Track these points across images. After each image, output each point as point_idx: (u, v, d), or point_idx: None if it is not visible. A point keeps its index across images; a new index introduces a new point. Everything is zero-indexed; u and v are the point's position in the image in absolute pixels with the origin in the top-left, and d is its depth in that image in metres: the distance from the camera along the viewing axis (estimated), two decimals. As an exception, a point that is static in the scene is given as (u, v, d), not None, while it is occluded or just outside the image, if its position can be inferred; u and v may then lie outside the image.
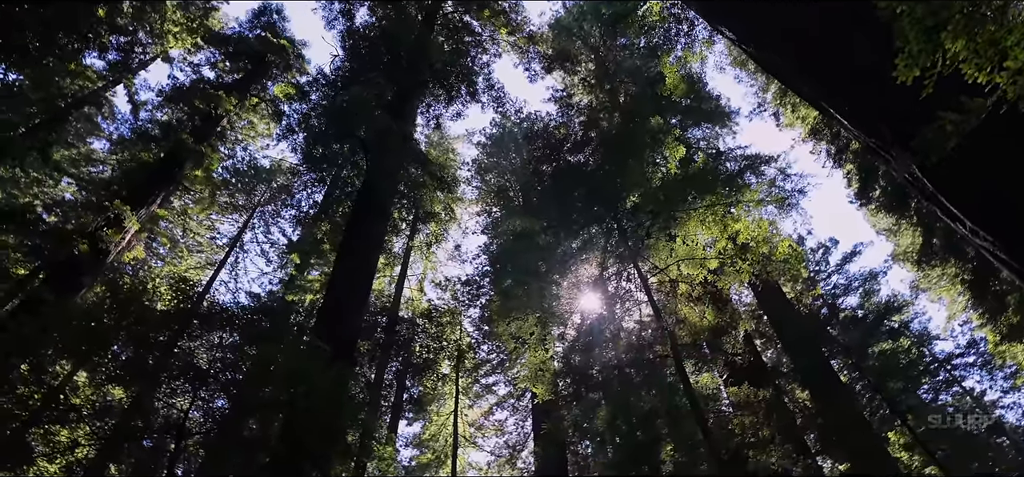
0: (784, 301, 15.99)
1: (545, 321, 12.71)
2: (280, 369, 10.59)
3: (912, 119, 4.95)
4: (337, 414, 10.63)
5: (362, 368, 12.26)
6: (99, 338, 10.39)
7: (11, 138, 12.67)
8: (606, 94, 21.82)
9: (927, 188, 5.34)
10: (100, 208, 12.75)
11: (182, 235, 17.35)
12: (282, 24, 20.06)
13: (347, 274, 12.37)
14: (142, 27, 17.49)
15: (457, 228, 19.28)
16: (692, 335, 13.74)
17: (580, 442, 14.22)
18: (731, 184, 16.59)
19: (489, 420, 17.27)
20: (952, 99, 3.41)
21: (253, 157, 19.21)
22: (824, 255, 17.54)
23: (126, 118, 16.02)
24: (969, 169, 4.84)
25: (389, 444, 11.43)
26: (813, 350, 14.35)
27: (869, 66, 5.76)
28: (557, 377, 12.23)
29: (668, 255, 15.57)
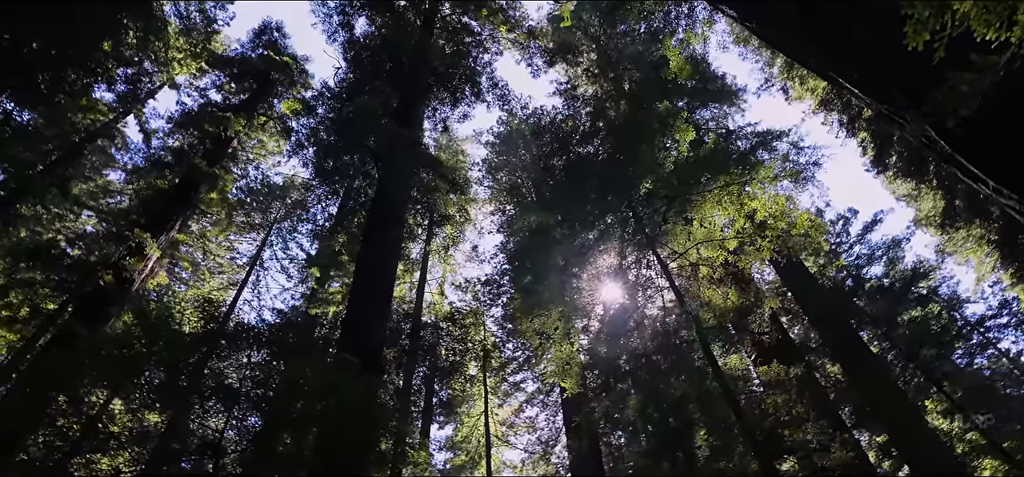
0: (807, 276, 15.77)
1: (568, 315, 12.65)
2: (310, 384, 10.64)
3: (924, 82, 4.83)
4: (369, 424, 10.65)
5: (390, 375, 12.29)
6: (131, 365, 10.51)
7: (31, 176, 12.86)
8: (610, 83, 21.69)
9: (945, 150, 5.20)
10: (121, 238, 12.91)
11: (203, 258, 17.56)
12: (283, 42, 20.18)
13: (367, 284, 12.40)
14: (147, 56, 17.68)
15: (473, 229, 19.31)
16: (717, 317, 13.59)
17: (612, 433, 14.14)
18: (744, 162, 16.41)
19: (520, 418, 17.26)
20: (962, 59, 3.31)
21: (266, 175, 19.43)
22: (844, 226, 17.29)
23: (139, 147, 16.24)
24: (986, 128, 4.68)
25: (423, 449, 11.46)
26: (841, 323, 14.14)
27: (876, 32, 5.62)
28: (584, 370, 12.16)
29: (686, 239, 15.43)
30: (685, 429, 11.70)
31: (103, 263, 12.26)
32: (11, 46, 15.04)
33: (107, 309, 11.91)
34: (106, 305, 11.93)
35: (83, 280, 11.99)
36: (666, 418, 11.74)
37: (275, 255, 19.03)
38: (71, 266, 12.17)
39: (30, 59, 15.12)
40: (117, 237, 13.04)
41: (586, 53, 22.84)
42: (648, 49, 23.23)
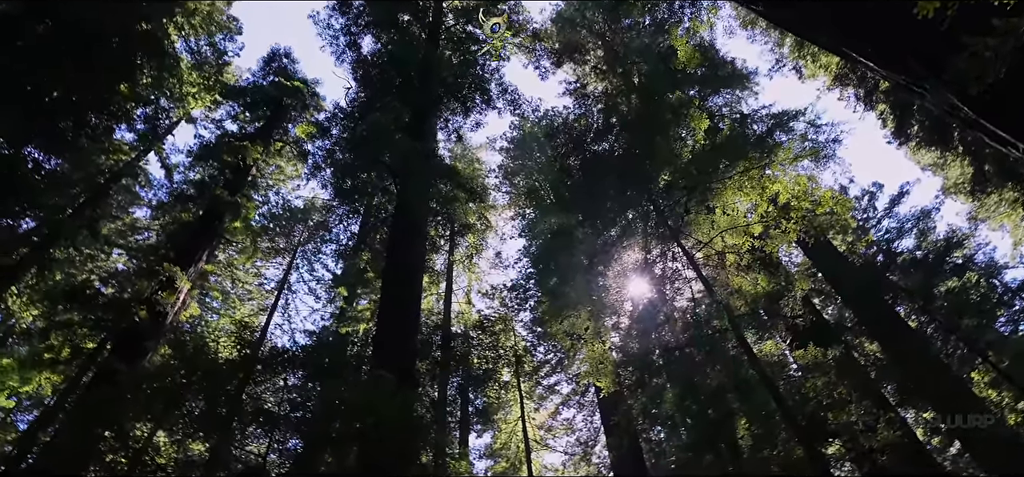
0: (837, 255, 15.47)
1: (597, 314, 12.56)
2: (347, 403, 10.70)
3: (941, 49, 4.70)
4: (408, 437, 10.66)
5: (424, 388, 12.31)
6: (172, 397, 10.67)
7: (62, 221, 13.16)
8: (619, 78, 21.58)
9: (969, 116, 5.06)
10: (152, 273, 13.17)
11: (232, 286, 17.84)
12: (293, 67, 20.44)
13: (395, 298, 12.44)
14: (163, 94, 18.05)
15: (494, 236, 19.32)
16: (748, 304, 13.40)
17: (651, 429, 13.98)
18: (761, 146, 16.21)
19: (557, 420, 17.17)
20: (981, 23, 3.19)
21: (286, 200, 19.67)
22: (870, 201, 16.95)
23: (162, 183, 16.57)
24: (1010, 90, 4.52)
25: (463, 458, 11.45)
26: (875, 300, 13.84)
27: (887, 2, 5.48)
28: (618, 368, 12.06)
29: (710, 228, 15.25)
30: (725, 420, 11.53)
31: (136, 299, 12.51)
32: (33, 95, 15.46)
33: (144, 344, 12.13)
34: (143, 340, 12.15)
35: (119, 317, 12.24)
36: (705, 410, 11.58)
37: (302, 278, 19.33)
38: (106, 304, 12.44)
39: (52, 107, 15.54)
40: (148, 273, 13.31)
41: (592, 50, 22.80)
42: (654, 41, 23.08)
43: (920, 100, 5.99)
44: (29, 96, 15.36)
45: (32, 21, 16.16)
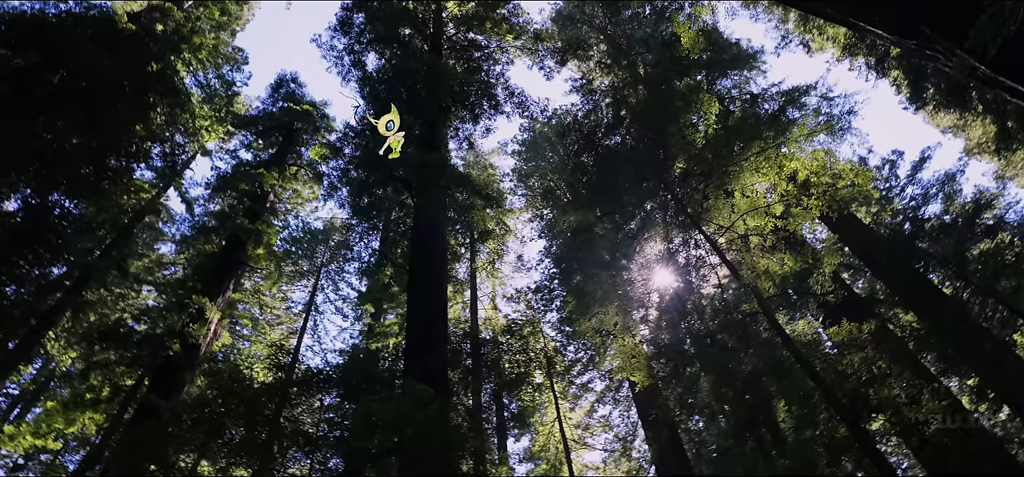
0: (863, 227, 15.20)
1: (624, 308, 12.48)
2: (383, 418, 10.74)
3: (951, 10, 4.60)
4: (446, 447, 10.67)
5: (458, 397, 12.34)
6: (213, 426, 10.80)
7: (91, 263, 13.42)
8: (625, 70, 21.49)
9: (986, 74, 4.94)
10: (182, 306, 13.39)
11: (260, 312, 18.09)
12: (300, 91, 20.69)
13: (421, 311, 12.49)
14: (176, 130, 18.38)
15: (514, 239, 19.31)
16: (776, 286, 13.20)
17: (689, 419, 13.84)
18: (775, 124, 16.03)
19: (593, 418, 17.08)
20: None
21: (306, 222, 19.93)
22: (892, 170, 16.62)
23: (184, 217, 16.86)
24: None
25: (503, 464, 11.44)
26: (907, 269, 13.57)
27: None
28: (651, 360, 11.97)
29: (730, 212, 15.11)
30: (763, 404, 11.37)
31: (169, 333, 12.73)
32: (54, 144, 15.82)
33: (181, 376, 12.32)
34: (179, 373, 12.35)
35: (154, 353, 12.46)
36: (742, 396, 11.43)
37: (328, 298, 19.52)
38: (141, 341, 12.67)
39: (72, 153, 15.89)
40: (178, 306, 13.54)
41: (595, 45, 22.74)
42: (657, 30, 22.98)
43: (934, 62, 5.87)
44: (49, 144, 15.72)
45: (46, 72, 16.53)
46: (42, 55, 16.19)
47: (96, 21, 18.41)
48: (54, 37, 16.76)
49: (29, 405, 16.29)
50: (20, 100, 15.21)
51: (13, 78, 15.54)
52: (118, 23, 19.14)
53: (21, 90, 15.39)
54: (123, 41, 18.27)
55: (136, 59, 18.03)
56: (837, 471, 9.59)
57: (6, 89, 15.13)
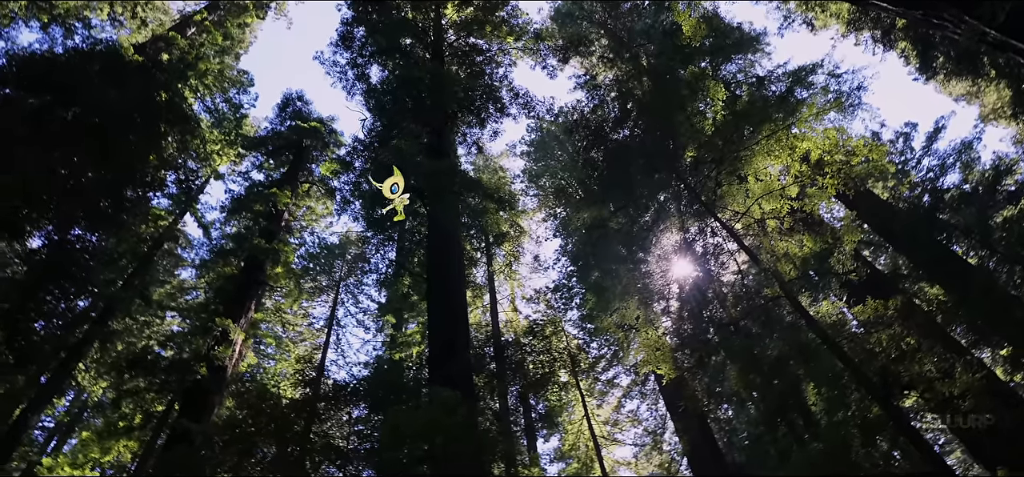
0: (881, 203, 15.00)
1: (645, 301, 12.43)
2: (411, 427, 10.77)
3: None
4: (476, 452, 10.68)
5: (485, 401, 12.36)
6: (244, 446, 10.90)
7: (116, 293, 13.61)
8: (628, 63, 21.44)
9: (997, 39, 4.88)
10: (206, 330, 13.56)
11: (283, 330, 18.27)
12: (307, 108, 20.87)
13: (442, 317, 12.52)
14: (189, 156, 18.61)
15: (529, 240, 19.31)
16: (797, 268, 13.08)
17: (718, 408, 13.74)
18: (783, 106, 15.91)
19: (621, 413, 17.02)
20: None
21: (321, 238, 20.11)
22: (906, 143, 16.40)
23: (201, 242, 17.08)
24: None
25: (534, 465, 11.44)
26: (929, 242, 13.38)
27: None
28: (675, 351, 11.91)
29: (745, 197, 14.99)
30: (792, 388, 11.27)
31: (195, 357, 12.90)
32: (71, 180, 16.07)
33: (210, 399, 12.48)
34: (208, 395, 12.51)
35: (182, 377, 12.63)
36: (770, 381, 11.33)
37: (348, 311, 19.66)
38: (168, 367, 12.85)
39: (90, 187, 16.13)
40: (202, 330, 13.72)
41: (596, 40, 22.71)
42: (657, 20, 22.89)
43: (941, 32, 5.80)
44: (66, 180, 15.97)
45: (59, 109, 16.80)
46: (54, 94, 16.46)
47: (103, 56, 18.69)
48: (64, 76, 17.02)
49: (65, 437, 16.63)
50: (36, 139, 15.49)
51: (28, 118, 15.82)
52: (125, 56, 19.41)
53: (36, 129, 15.67)
54: (131, 73, 18.52)
55: (145, 90, 18.27)
56: (872, 451, 9.47)
57: (22, 129, 15.41)
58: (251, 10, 23.86)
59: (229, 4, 23.79)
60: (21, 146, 15.11)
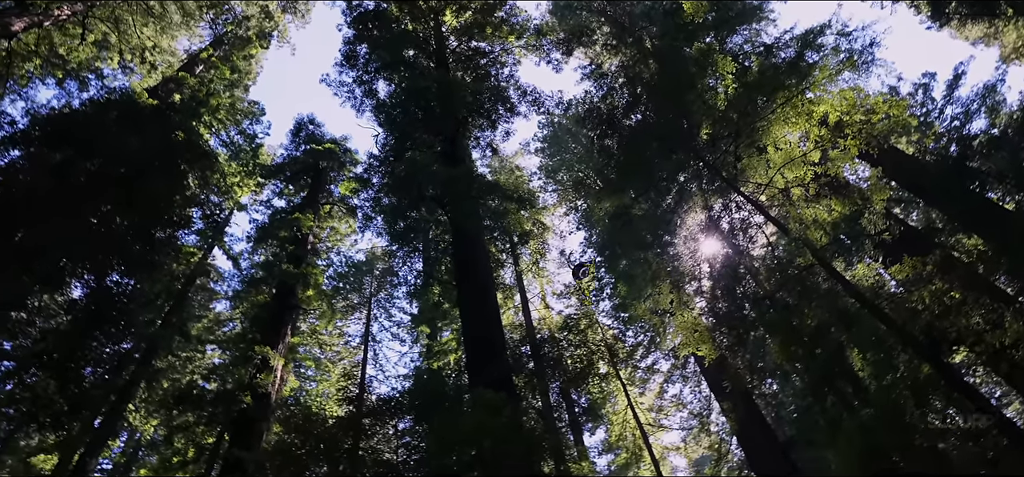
0: (907, 158, 14.72)
1: (676, 284, 12.37)
2: (457, 434, 10.86)
3: None
4: (524, 451, 10.73)
5: (527, 400, 12.42)
6: (296, 469, 11.10)
7: (156, 333, 13.95)
8: (632, 47, 21.30)
9: None
10: (246, 359, 13.85)
11: (321, 352, 18.59)
12: (319, 131, 21.16)
13: (475, 322, 12.62)
14: (211, 191, 18.97)
15: (553, 235, 19.33)
16: (827, 233, 12.90)
17: (762, 383, 13.62)
18: (795, 72, 15.67)
19: (665, 399, 16.93)
20: None
21: (348, 257, 20.40)
22: (926, 94, 16.05)
23: (232, 273, 17.43)
24: None
25: (583, 459, 11.47)
26: (962, 192, 13.09)
27: None
28: (712, 331, 11.83)
29: (766, 168, 14.82)
30: (836, 356, 11.11)
31: (239, 387, 13.17)
32: (102, 228, 16.47)
33: (257, 426, 12.74)
34: (255, 423, 12.77)
35: (228, 408, 12.92)
36: (812, 351, 11.19)
37: (382, 326, 19.95)
38: (214, 399, 13.15)
39: (120, 233, 16.52)
40: (242, 359, 14.01)
41: (598, 29, 22.60)
42: (656, 1, 22.69)
43: None
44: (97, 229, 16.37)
45: (81, 161, 17.22)
46: (76, 147, 16.88)
47: (119, 104, 19.12)
48: (83, 129, 17.45)
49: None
50: (65, 193, 15.92)
51: (55, 174, 16.26)
52: (139, 101, 19.84)
53: (64, 183, 16.10)
54: (147, 118, 18.92)
55: (162, 132, 18.67)
56: (927, 412, 9.31)
57: (51, 185, 15.84)
58: (254, 41, 24.24)
59: (233, 38, 24.20)
60: (52, 201, 15.54)
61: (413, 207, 16.12)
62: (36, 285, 14.25)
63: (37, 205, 15.00)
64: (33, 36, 22.05)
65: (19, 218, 15.04)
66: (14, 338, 13.81)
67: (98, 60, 23.24)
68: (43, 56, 22.77)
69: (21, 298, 14.09)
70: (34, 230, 14.81)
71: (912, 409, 9.69)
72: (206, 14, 24.29)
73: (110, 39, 23.17)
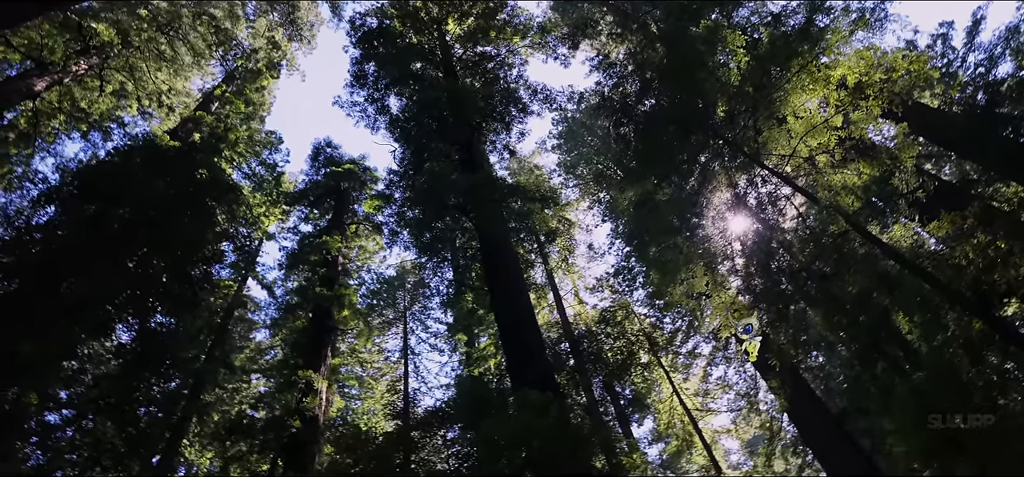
0: (933, 112, 14.40)
1: (709, 266, 12.30)
2: (505, 437, 10.95)
3: None
4: (574, 448, 10.79)
5: (571, 397, 12.48)
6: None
7: (201, 368, 14.33)
8: (637, 33, 21.18)
9: None
10: (290, 384, 14.16)
11: (362, 370, 18.91)
12: (337, 153, 21.50)
13: (510, 325, 12.71)
14: (239, 224, 19.40)
15: (580, 230, 19.38)
16: (859, 197, 12.71)
17: (807, 357, 13.47)
18: (807, 37, 15.45)
19: (709, 383, 16.86)
20: None
21: (379, 274, 20.72)
22: (945, 44, 15.67)
23: (267, 302, 17.84)
24: None
25: (634, 451, 11.50)
26: (994, 140, 12.77)
27: None
28: (751, 309, 11.75)
29: (788, 139, 14.66)
30: (881, 321, 10.95)
31: (287, 412, 13.49)
32: (139, 270, 16.96)
33: (308, 449, 13.03)
34: (306, 446, 13.06)
35: (279, 434, 13.24)
36: (856, 319, 11.05)
37: (420, 338, 20.19)
38: (264, 426, 13.48)
39: (157, 275, 17.00)
40: (287, 385, 14.33)
41: (602, 18, 22.53)
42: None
43: None
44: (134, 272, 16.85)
45: (113, 209, 17.74)
46: (106, 198, 17.41)
47: (142, 149, 19.65)
48: (111, 178, 17.97)
49: (184, 512, 17.69)
50: (100, 243, 16.42)
51: (89, 225, 16.79)
52: (161, 144, 20.36)
53: (99, 233, 16.61)
54: (170, 159, 19.42)
55: (186, 171, 19.16)
56: (983, 368, 9.13)
57: (86, 237, 16.36)
58: (265, 73, 24.70)
59: (243, 72, 24.69)
60: (90, 251, 16.05)
61: (437, 217, 16.30)
62: (84, 334, 14.76)
63: (77, 257, 15.51)
64: (55, 93, 22.75)
65: (62, 272, 15.56)
66: (69, 386, 14.32)
67: (118, 109, 23.90)
68: (66, 111, 23.48)
69: (72, 348, 14.59)
70: (77, 282, 15.33)
71: (967, 368, 9.52)
72: (215, 52, 24.83)
73: (127, 87, 23.81)
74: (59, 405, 13.99)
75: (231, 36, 24.06)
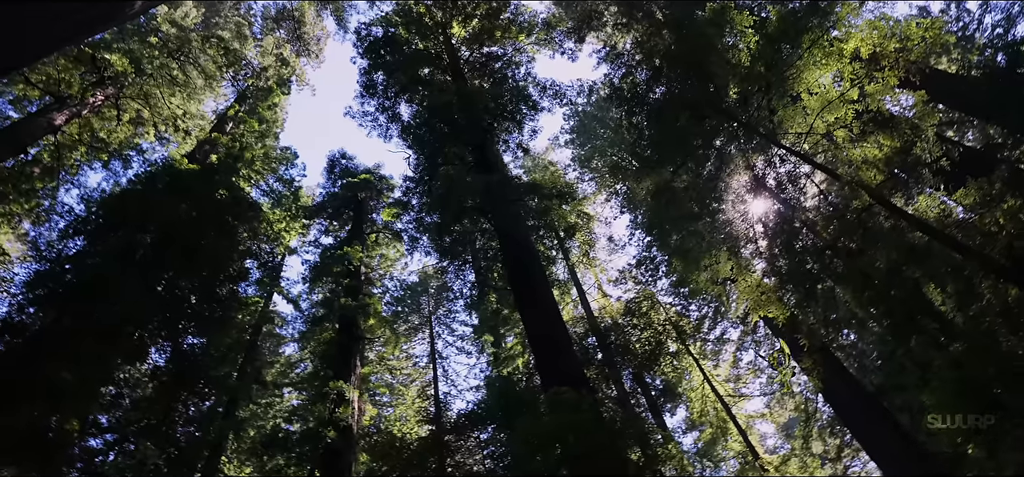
0: (952, 78, 14.15)
1: (733, 250, 12.24)
2: (540, 435, 11.01)
3: None
4: (608, 443, 10.81)
5: (601, 390, 12.51)
6: (391, 494, 11.43)
7: (234, 385, 14.61)
8: (643, 22, 21.08)
9: None
10: (322, 396, 14.39)
11: (392, 376, 19.15)
12: (352, 164, 21.72)
13: (536, 323, 12.77)
14: (261, 241, 19.71)
15: (599, 224, 19.39)
16: (881, 170, 12.56)
17: (838, 335, 13.34)
18: (816, 12, 15.27)
19: (740, 368, 16.80)
20: None
21: (402, 281, 20.93)
22: (960, 7, 15.40)
23: (294, 316, 18.11)
24: None
25: (669, 441, 11.49)
26: (1017, 101, 12.52)
27: None
28: (778, 291, 11.67)
29: (804, 116, 14.51)
30: (913, 294, 10.82)
31: (321, 423, 13.72)
32: (168, 294, 17.31)
33: (344, 459, 13.24)
34: (342, 456, 13.28)
35: (314, 446, 13.47)
36: (886, 294, 10.92)
37: (446, 342, 20.38)
38: (300, 439, 13.73)
39: (185, 297, 17.36)
40: (319, 396, 14.56)
41: (606, 9, 22.43)
42: (660, -31, 22.36)
43: None
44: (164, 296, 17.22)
45: (138, 235, 18.11)
46: (131, 225, 17.80)
47: (162, 174, 20.05)
48: (134, 205, 18.36)
49: (225, 529, 18.07)
50: (129, 268, 16.80)
51: (117, 253, 17.18)
52: (179, 167, 20.75)
53: (127, 260, 16.99)
54: (190, 183, 19.78)
55: (206, 192, 19.51)
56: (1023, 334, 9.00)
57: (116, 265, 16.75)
58: (276, 90, 25.01)
59: (255, 91, 25.03)
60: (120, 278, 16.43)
61: (456, 221, 16.40)
62: (119, 359, 15.12)
63: (107, 286, 15.88)
64: (75, 126, 23.27)
65: (95, 300, 15.94)
66: (109, 411, 14.70)
67: (136, 137, 24.37)
68: (86, 143, 24.00)
69: (109, 374, 14.96)
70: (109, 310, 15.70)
71: (1006, 336, 9.38)
72: (226, 73, 25.22)
73: (143, 114, 24.27)
74: (100, 430, 14.37)
75: (240, 56, 24.42)
